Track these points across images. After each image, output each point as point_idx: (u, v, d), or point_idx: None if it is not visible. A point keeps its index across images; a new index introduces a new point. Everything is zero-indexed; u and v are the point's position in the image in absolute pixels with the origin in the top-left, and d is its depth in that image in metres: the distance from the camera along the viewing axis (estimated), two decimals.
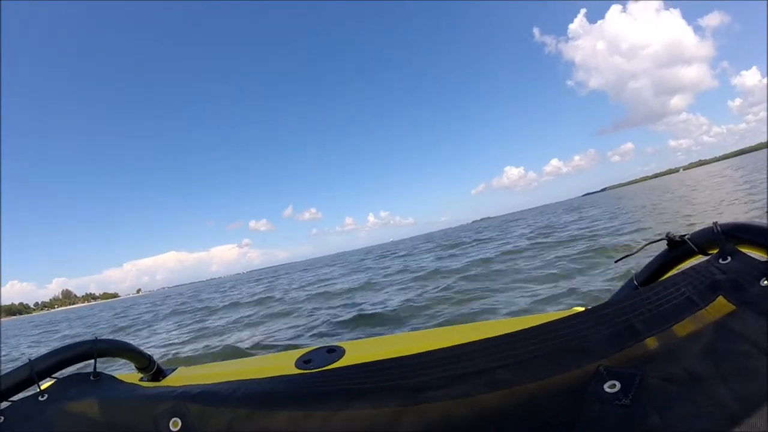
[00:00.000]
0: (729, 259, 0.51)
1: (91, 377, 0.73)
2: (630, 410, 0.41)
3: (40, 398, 0.68)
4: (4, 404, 0.68)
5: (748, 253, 0.51)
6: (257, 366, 1.00)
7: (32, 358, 0.72)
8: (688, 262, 0.64)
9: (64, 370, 0.75)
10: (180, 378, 0.95)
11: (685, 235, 0.63)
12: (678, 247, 0.64)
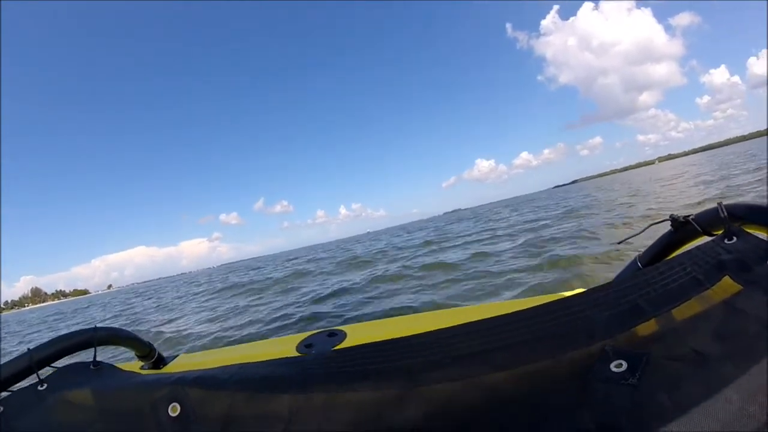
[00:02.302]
0: (734, 239, 0.51)
1: (91, 366, 0.72)
2: (638, 390, 0.40)
3: (39, 387, 0.68)
4: (4, 393, 0.67)
5: (754, 233, 0.52)
6: (258, 351, 1.01)
7: (31, 347, 0.71)
8: (692, 243, 0.64)
9: (63, 359, 0.74)
10: (181, 365, 0.96)
11: (689, 216, 0.63)
12: (682, 228, 0.65)
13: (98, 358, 0.74)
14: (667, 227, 0.67)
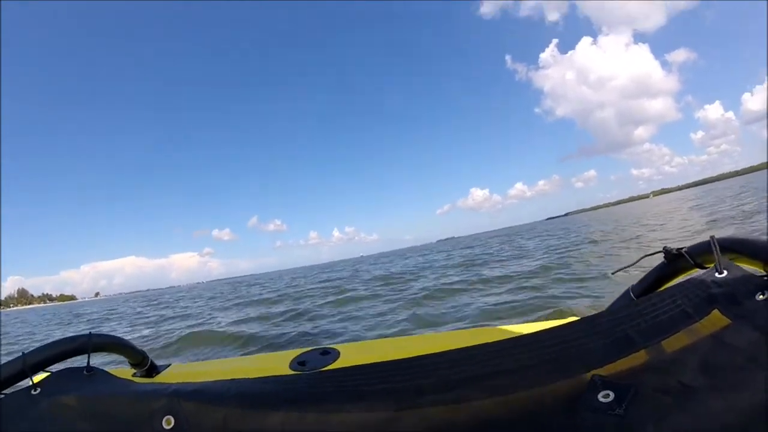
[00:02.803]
0: (725, 272, 0.52)
1: (85, 372, 0.72)
2: (624, 420, 0.41)
3: (32, 392, 0.67)
4: None
5: (744, 267, 0.53)
6: (251, 366, 1.01)
7: (25, 351, 0.71)
8: (684, 275, 0.65)
9: (57, 365, 0.74)
10: (173, 375, 0.95)
11: (682, 248, 0.64)
12: (675, 260, 0.65)
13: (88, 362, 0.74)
14: (660, 259, 0.68)
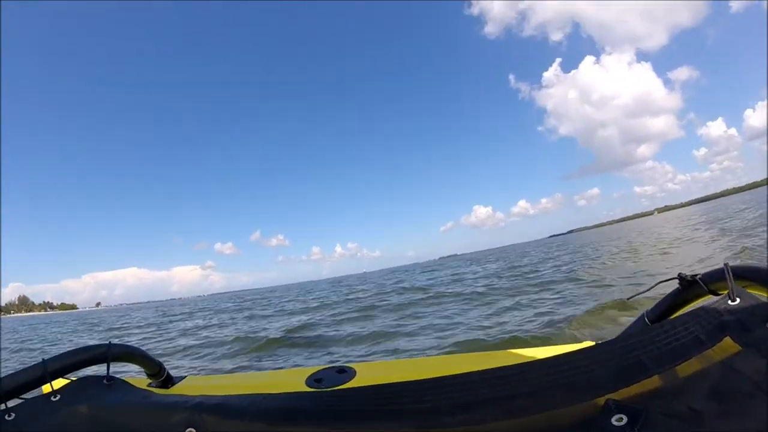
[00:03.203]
0: (738, 300, 0.53)
1: (105, 380, 0.73)
2: None
3: (52, 398, 0.68)
4: (16, 401, 0.67)
5: (756, 295, 0.53)
6: (267, 381, 1.02)
7: (45, 358, 0.72)
8: (698, 301, 0.66)
9: (75, 373, 0.75)
10: (189, 387, 0.96)
11: (696, 275, 0.65)
12: (689, 287, 0.66)
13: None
14: (674, 285, 0.69)
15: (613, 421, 0.44)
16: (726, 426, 0.40)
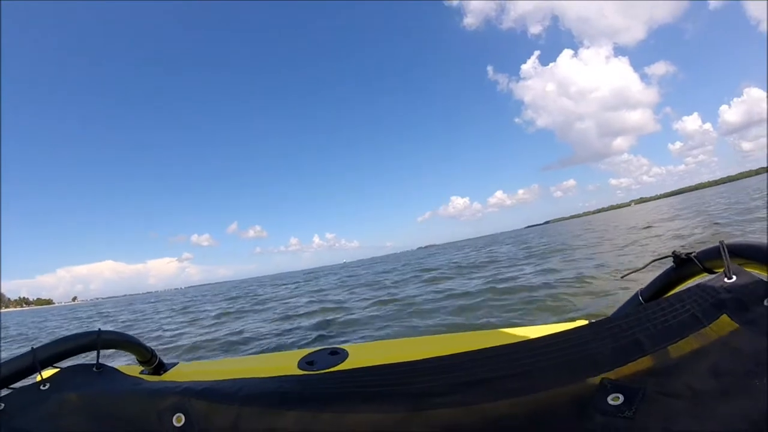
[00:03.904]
0: (734, 278, 0.52)
1: (94, 368, 0.73)
2: (633, 423, 0.42)
3: (41, 387, 0.67)
4: (5, 391, 0.67)
5: (753, 273, 0.53)
6: (259, 365, 1.01)
7: (35, 346, 0.71)
8: (693, 279, 0.65)
9: (66, 361, 0.74)
10: (181, 373, 0.95)
11: (691, 253, 0.64)
12: (684, 265, 0.66)
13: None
14: (669, 263, 0.69)
15: (609, 400, 0.44)
16: (725, 405, 0.40)
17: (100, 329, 0.78)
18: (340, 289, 14.00)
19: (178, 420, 0.58)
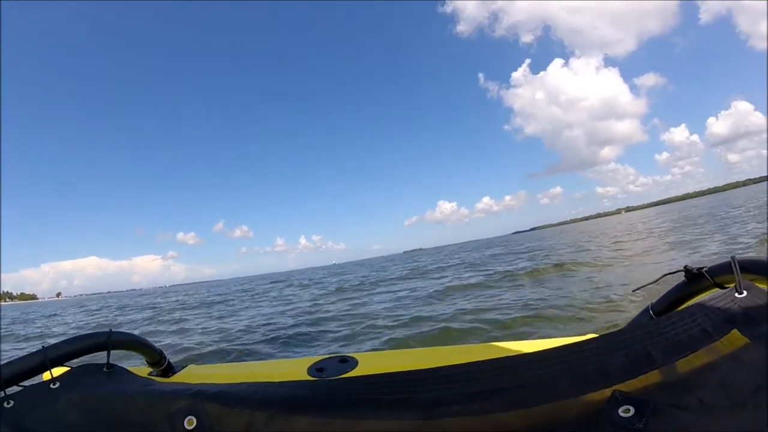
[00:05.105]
0: (745, 293, 0.53)
1: (105, 369, 0.72)
2: None
3: (51, 386, 0.67)
4: (15, 388, 0.66)
5: (764, 288, 0.53)
6: (269, 370, 1.00)
7: (45, 345, 0.70)
8: (704, 294, 0.65)
9: (75, 361, 0.74)
10: (190, 376, 0.95)
11: (702, 268, 0.64)
12: (695, 280, 0.66)
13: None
14: (680, 278, 0.69)
15: (620, 412, 0.44)
16: (734, 419, 0.41)
17: (111, 329, 0.77)
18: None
19: (190, 423, 0.58)
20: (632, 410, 0.44)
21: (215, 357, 5.89)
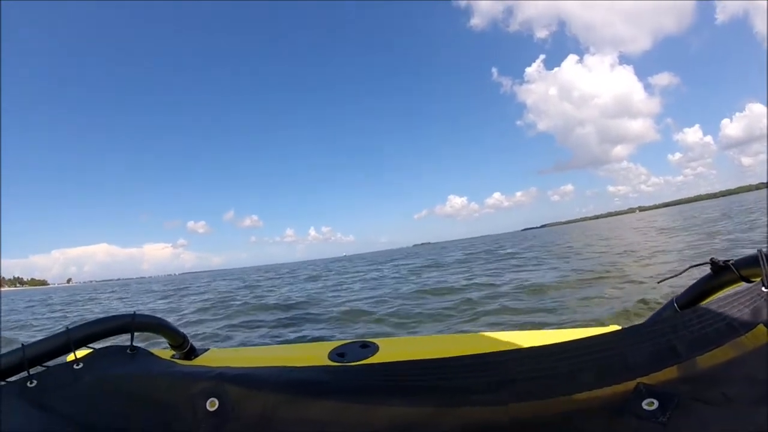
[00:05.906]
0: None
1: (128, 350, 0.73)
2: (667, 428, 0.41)
3: (75, 366, 0.67)
4: (39, 368, 0.67)
5: None
6: (290, 354, 1.02)
7: (69, 326, 0.71)
8: (730, 287, 0.64)
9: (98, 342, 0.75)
10: (212, 359, 0.96)
11: (729, 261, 0.63)
12: (721, 273, 0.65)
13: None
14: (706, 270, 0.67)
15: (644, 405, 0.44)
16: (758, 415, 0.40)
17: (135, 312, 0.77)
18: None
19: (212, 404, 0.57)
20: (656, 403, 0.43)
21: (235, 341, 5.99)
